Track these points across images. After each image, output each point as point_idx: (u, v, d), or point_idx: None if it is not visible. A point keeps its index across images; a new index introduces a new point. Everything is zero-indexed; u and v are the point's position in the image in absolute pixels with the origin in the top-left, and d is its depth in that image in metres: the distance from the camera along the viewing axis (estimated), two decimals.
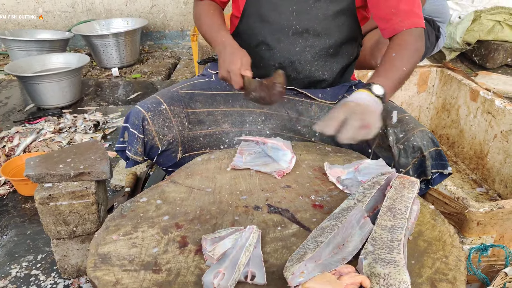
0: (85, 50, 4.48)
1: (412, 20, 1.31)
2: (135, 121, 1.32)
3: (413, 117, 1.31)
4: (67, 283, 1.57)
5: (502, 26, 3.43)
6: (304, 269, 0.78)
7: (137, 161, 1.36)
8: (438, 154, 1.25)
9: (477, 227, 1.23)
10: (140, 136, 1.32)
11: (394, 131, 1.26)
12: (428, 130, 1.27)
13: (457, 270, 0.85)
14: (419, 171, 1.25)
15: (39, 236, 1.83)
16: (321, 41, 1.40)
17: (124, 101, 3.25)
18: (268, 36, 1.41)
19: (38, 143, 2.51)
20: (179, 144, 1.38)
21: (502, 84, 2.96)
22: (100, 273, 0.85)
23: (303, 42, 1.40)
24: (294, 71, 1.45)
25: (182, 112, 1.39)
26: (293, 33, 1.39)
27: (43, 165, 1.43)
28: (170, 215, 1.03)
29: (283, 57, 1.42)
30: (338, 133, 1.08)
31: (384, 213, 0.91)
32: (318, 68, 1.44)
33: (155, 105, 1.35)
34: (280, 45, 1.41)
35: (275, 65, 1.44)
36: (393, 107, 1.35)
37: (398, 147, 1.25)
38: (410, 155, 1.24)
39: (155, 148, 1.35)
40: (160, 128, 1.34)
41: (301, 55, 1.42)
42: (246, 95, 1.31)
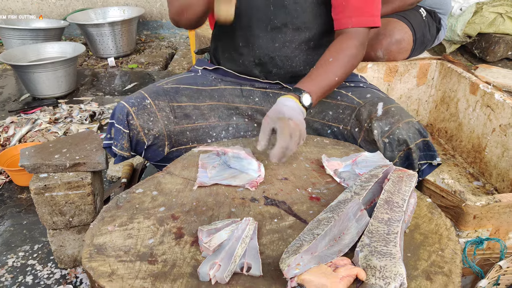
0: (81, 40, 4.45)
1: (360, 19, 1.28)
2: (120, 117, 1.31)
3: (401, 107, 1.29)
4: (64, 273, 1.57)
5: (503, 18, 3.40)
6: (300, 261, 0.78)
7: (124, 156, 1.34)
8: (426, 145, 1.24)
9: (473, 221, 1.23)
10: (125, 131, 1.31)
11: (379, 124, 1.24)
12: (415, 121, 1.24)
13: (452, 263, 0.85)
14: (406, 163, 1.24)
15: (35, 226, 1.83)
16: (300, 35, 1.38)
17: (120, 91, 3.23)
18: (246, 32, 1.39)
19: (33, 133, 2.50)
20: (165, 138, 1.37)
21: (502, 77, 2.95)
22: (95, 263, 0.85)
23: (282, 37, 1.38)
24: (275, 67, 1.43)
25: (167, 106, 1.37)
26: (271, 29, 1.37)
27: (39, 156, 1.42)
28: (166, 207, 1.02)
29: (262, 53, 1.40)
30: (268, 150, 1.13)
31: (381, 206, 0.90)
32: (299, 62, 1.42)
33: (139, 100, 1.34)
34: (259, 41, 1.39)
35: (255, 61, 1.43)
36: (379, 98, 1.33)
37: (383, 140, 1.23)
38: (396, 148, 1.22)
39: (141, 143, 1.34)
40: (145, 122, 1.33)
41: (280, 50, 1.39)
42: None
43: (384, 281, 0.76)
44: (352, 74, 1.55)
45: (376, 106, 1.28)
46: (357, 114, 1.33)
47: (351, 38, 1.29)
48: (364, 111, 1.31)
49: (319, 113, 1.41)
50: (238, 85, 1.48)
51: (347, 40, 1.29)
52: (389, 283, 0.76)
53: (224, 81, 1.49)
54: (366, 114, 1.30)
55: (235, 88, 1.48)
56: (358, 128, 1.32)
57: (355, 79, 1.51)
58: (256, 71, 1.45)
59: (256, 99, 1.47)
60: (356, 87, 1.45)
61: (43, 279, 1.55)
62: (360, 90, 1.42)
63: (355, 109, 1.35)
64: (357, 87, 1.45)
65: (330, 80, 1.25)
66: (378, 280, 0.77)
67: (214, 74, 1.51)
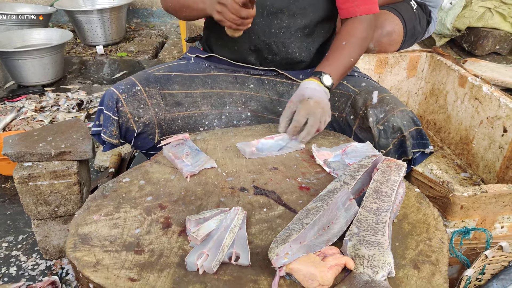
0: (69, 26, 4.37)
1: (367, 6, 1.35)
2: (109, 103, 1.28)
3: (394, 97, 1.31)
4: (49, 264, 1.55)
5: (492, 13, 3.42)
6: (288, 250, 0.77)
7: (113, 144, 1.32)
8: (419, 133, 1.25)
9: (461, 211, 1.24)
10: (114, 118, 1.28)
11: (374, 112, 1.26)
12: (409, 109, 1.26)
13: (440, 252, 0.85)
14: (400, 151, 1.26)
15: (20, 217, 1.80)
16: (296, 21, 1.37)
17: (109, 80, 3.19)
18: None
19: (18, 122, 2.46)
20: (155, 126, 1.35)
21: (490, 71, 2.97)
22: (80, 253, 0.83)
23: (278, 23, 1.37)
24: (271, 54, 1.42)
25: (158, 93, 1.35)
26: (267, 14, 1.35)
27: (23, 144, 1.39)
28: (154, 196, 1.01)
29: (258, 39, 1.39)
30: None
31: (370, 196, 0.90)
32: (295, 49, 1.42)
33: (129, 86, 1.32)
34: (255, 27, 1.36)
35: (251, 48, 1.41)
36: (374, 87, 1.34)
37: (378, 128, 1.25)
38: (390, 135, 1.24)
39: (130, 130, 1.32)
40: (135, 109, 1.30)
41: (276, 36, 1.38)
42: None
43: (372, 270, 0.76)
44: None
45: (371, 94, 1.29)
46: (353, 102, 1.34)
47: (360, 22, 1.36)
48: (359, 99, 1.32)
49: None
50: (232, 72, 1.47)
51: (357, 25, 1.36)
52: (377, 272, 0.76)
53: (218, 68, 1.47)
54: (362, 101, 1.30)
55: (229, 75, 1.46)
56: (353, 116, 1.33)
57: None
58: (251, 58, 1.43)
59: (251, 86, 1.45)
60: (351, 76, 1.46)
61: (28, 270, 1.53)
62: (355, 79, 1.42)
63: (351, 97, 1.35)
64: (352, 76, 1.46)
65: (346, 61, 1.32)
66: (366, 269, 0.77)
67: (208, 62, 1.49)
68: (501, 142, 1.74)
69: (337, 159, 1.13)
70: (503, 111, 1.72)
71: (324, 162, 1.12)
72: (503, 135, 1.73)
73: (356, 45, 1.34)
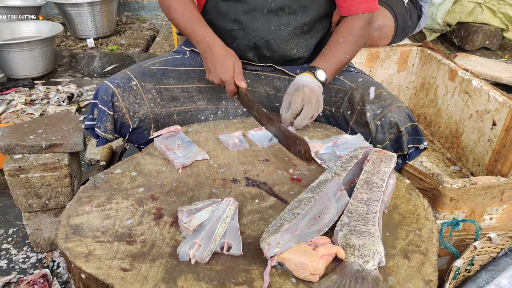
0: (59, 19, 4.32)
1: (368, 4, 1.36)
2: (104, 97, 1.27)
3: (390, 93, 1.31)
4: (40, 257, 1.54)
5: (482, 8, 3.45)
6: (280, 240, 0.78)
7: (107, 139, 1.30)
8: (414, 129, 1.27)
9: (450, 203, 1.26)
10: (109, 113, 1.27)
11: (371, 107, 1.26)
12: (405, 106, 1.27)
13: (429, 242, 0.87)
14: (396, 146, 1.27)
15: (10, 210, 1.79)
16: (296, 18, 1.37)
17: (99, 73, 3.16)
18: (241, 15, 1.36)
19: (8, 115, 2.43)
20: (151, 121, 1.34)
21: (480, 66, 3.00)
22: (71, 244, 0.83)
23: (278, 21, 1.36)
24: (270, 50, 1.42)
25: (153, 88, 1.34)
26: (268, 12, 1.35)
27: (13, 136, 1.38)
28: (146, 187, 1.01)
29: (257, 36, 1.38)
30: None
31: (360, 186, 0.91)
32: (293, 46, 1.42)
33: (125, 80, 1.30)
34: (255, 24, 1.36)
35: (250, 45, 1.40)
36: (371, 83, 1.35)
37: (375, 123, 1.25)
38: (387, 131, 1.25)
39: (126, 125, 1.31)
40: (130, 104, 1.29)
41: (276, 33, 1.38)
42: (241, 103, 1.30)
43: (362, 259, 0.77)
44: None
45: (368, 90, 1.30)
46: (350, 97, 1.34)
47: (359, 20, 1.37)
48: (356, 94, 1.32)
49: None
50: None
51: (356, 22, 1.37)
52: (368, 261, 0.77)
53: None
54: (359, 97, 1.31)
55: None
56: (350, 111, 1.33)
57: None
58: (250, 54, 1.43)
59: (247, 81, 1.45)
60: (347, 71, 1.46)
61: (18, 263, 1.52)
62: (352, 75, 1.43)
63: (348, 92, 1.36)
64: (348, 71, 1.47)
65: (341, 57, 1.35)
66: (357, 258, 0.78)
67: None
68: (490, 135, 1.76)
69: (328, 151, 1.14)
70: (492, 105, 1.74)
71: (316, 154, 1.13)
72: (492, 128, 1.75)
73: (353, 42, 1.36)
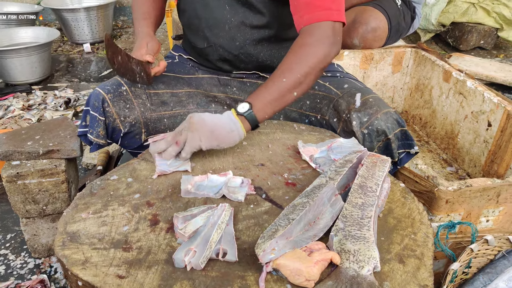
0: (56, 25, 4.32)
1: (311, 16, 1.14)
2: (95, 104, 1.28)
3: (378, 98, 1.28)
4: (38, 263, 1.54)
5: (476, 8, 3.47)
6: (275, 245, 0.78)
7: (100, 144, 1.32)
8: (403, 134, 1.25)
9: (446, 205, 1.26)
10: (101, 119, 1.29)
11: (357, 115, 1.24)
12: (393, 111, 1.25)
13: (425, 246, 0.87)
14: (385, 153, 1.25)
15: (8, 215, 1.79)
16: (260, 32, 1.34)
17: (96, 78, 3.17)
18: (206, 32, 1.37)
19: (6, 120, 2.43)
20: (142, 126, 1.35)
21: (475, 66, 3.02)
22: (68, 251, 0.83)
23: (242, 36, 1.34)
24: (242, 63, 1.41)
25: (144, 93, 1.36)
26: (229, 28, 1.33)
27: (11, 142, 1.39)
28: (142, 193, 1.01)
29: (226, 52, 1.38)
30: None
31: (355, 191, 0.91)
32: (266, 57, 1.40)
33: (115, 86, 1.32)
34: (220, 40, 1.36)
35: (221, 59, 1.41)
36: (357, 89, 1.32)
37: (362, 131, 1.23)
38: (375, 139, 1.23)
39: (117, 130, 1.32)
40: (121, 110, 1.31)
41: (243, 48, 1.37)
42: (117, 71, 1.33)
43: (358, 265, 0.78)
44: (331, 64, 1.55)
45: (354, 97, 1.28)
46: (335, 105, 1.32)
47: (307, 35, 1.15)
48: (342, 102, 1.30)
49: (296, 103, 1.40)
50: (216, 74, 1.47)
51: (303, 39, 1.16)
52: (363, 266, 0.77)
53: (202, 69, 1.48)
54: (345, 105, 1.29)
55: (213, 77, 1.47)
56: (336, 119, 1.32)
57: (331, 68, 1.50)
58: (225, 65, 1.43)
59: (233, 89, 1.45)
60: (333, 77, 1.44)
61: (16, 269, 1.52)
62: (338, 80, 1.40)
63: (333, 99, 1.34)
64: (334, 77, 1.44)
65: (278, 87, 1.13)
66: (352, 263, 0.78)
67: (192, 62, 1.49)
68: (485, 136, 1.77)
69: (323, 154, 1.14)
70: (487, 106, 1.75)
71: (310, 158, 1.13)
72: (488, 129, 1.76)
73: (294, 65, 1.13)
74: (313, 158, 1.13)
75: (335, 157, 1.11)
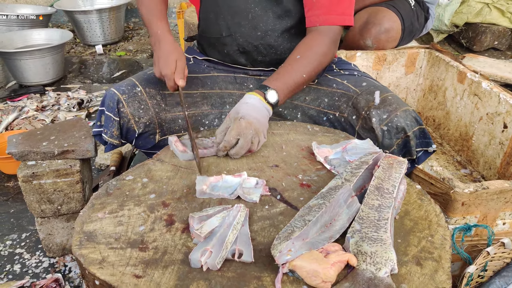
0: (68, 26, 4.37)
1: (328, 17, 1.26)
2: (110, 104, 1.29)
3: (396, 96, 1.30)
4: (52, 262, 1.56)
5: (490, 8, 3.43)
6: (291, 247, 0.78)
7: (114, 144, 1.33)
8: (422, 132, 1.25)
9: (462, 207, 1.25)
10: (115, 119, 1.29)
11: (377, 113, 1.25)
12: (411, 109, 1.26)
13: (442, 248, 0.86)
14: (404, 151, 1.26)
15: (23, 215, 1.81)
16: (282, 23, 1.36)
17: (108, 79, 3.19)
18: (228, 21, 1.37)
19: (20, 121, 2.46)
20: (156, 126, 1.35)
21: (489, 67, 2.98)
22: (85, 251, 0.84)
23: (264, 26, 1.36)
24: (260, 55, 1.42)
25: (158, 94, 1.36)
26: (252, 17, 1.35)
27: (26, 143, 1.40)
28: (157, 194, 1.01)
29: (246, 42, 1.39)
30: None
31: (371, 192, 0.91)
32: (283, 50, 1.41)
33: (130, 87, 1.33)
34: (241, 29, 1.37)
35: (240, 50, 1.41)
36: (376, 87, 1.33)
37: (381, 128, 1.24)
38: (394, 136, 1.24)
39: (131, 131, 1.33)
40: (135, 110, 1.31)
41: (263, 39, 1.38)
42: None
43: (375, 267, 0.77)
44: (345, 62, 1.55)
45: (373, 95, 1.29)
46: (354, 102, 1.33)
47: (320, 35, 1.28)
48: (361, 99, 1.31)
49: (314, 100, 1.41)
50: (232, 72, 1.47)
51: (317, 37, 1.29)
52: (380, 268, 0.77)
53: (217, 69, 1.48)
54: (364, 102, 1.30)
55: (228, 75, 1.47)
56: (355, 116, 1.32)
57: (348, 67, 1.50)
58: (242, 59, 1.44)
59: (250, 86, 1.46)
60: (351, 75, 1.45)
61: (31, 267, 1.54)
62: (355, 79, 1.42)
63: (352, 97, 1.34)
64: (352, 75, 1.45)
65: (297, 77, 1.25)
66: (369, 265, 0.78)
67: (207, 63, 1.50)
68: (501, 138, 1.75)
69: (338, 156, 1.13)
70: (503, 107, 1.73)
71: (325, 159, 1.13)
72: (503, 131, 1.73)
73: (312, 60, 1.26)
74: (327, 160, 1.13)
75: (350, 158, 1.11)
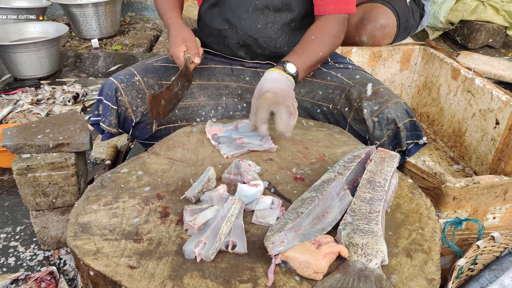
0: (64, 20, 4.34)
1: (337, 6, 1.35)
2: (109, 93, 1.31)
3: (388, 88, 1.32)
4: (47, 255, 1.56)
5: (485, 6, 3.45)
6: (284, 238, 0.79)
7: (112, 133, 1.35)
8: (412, 124, 1.27)
9: (453, 202, 1.27)
10: (113, 108, 1.31)
11: (368, 104, 1.27)
12: (403, 101, 1.28)
13: (432, 241, 0.88)
14: (394, 142, 1.28)
15: (18, 208, 1.81)
16: (282, 16, 1.39)
17: (104, 73, 3.19)
18: (228, 14, 1.39)
19: (15, 114, 2.46)
20: None
21: (483, 64, 3.00)
22: (80, 242, 0.85)
23: (264, 19, 1.38)
24: (259, 48, 1.44)
25: (156, 84, 1.38)
26: (253, 10, 1.37)
27: (21, 136, 1.40)
28: (152, 186, 1.02)
29: (245, 35, 1.41)
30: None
31: (363, 186, 0.92)
32: (283, 44, 1.43)
33: (128, 76, 1.34)
34: (241, 22, 1.39)
35: (240, 43, 1.43)
36: (368, 79, 1.36)
37: (372, 119, 1.26)
38: (385, 127, 1.26)
39: (129, 119, 1.35)
40: (133, 99, 1.33)
41: (263, 32, 1.40)
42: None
43: (366, 258, 0.79)
44: (340, 56, 1.57)
45: (366, 87, 1.31)
46: (347, 94, 1.35)
47: (331, 20, 1.36)
48: (354, 91, 1.33)
49: (309, 93, 1.43)
50: (228, 64, 1.49)
51: (328, 22, 1.35)
52: (371, 259, 0.78)
53: (214, 60, 1.49)
54: (356, 94, 1.32)
55: (225, 67, 1.49)
56: (348, 108, 1.35)
57: (344, 61, 1.53)
58: (241, 52, 1.45)
59: (246, 78, 1.47)
60: (345, 69, 1.47)
61: (26, 260, 1.54)
62: (349, 72, 1.44)
63: (345, 89, 1.37)
64: (346, 68, 1.47)
65: (313, 54, 1.31)
66: (360, 257, 0.79)
67: (204, 54, 1.50)
68: (493, 134, 1.77)
69: (226, 134, 1.19)
70: (496, 104, 1.75)
71: (213, 136, 1.19)
72: (496, 127, 1.75)
73: (326, 39, 1.33)
74: (215, 137, 1.18)
75: (236, 136, 1.17)
